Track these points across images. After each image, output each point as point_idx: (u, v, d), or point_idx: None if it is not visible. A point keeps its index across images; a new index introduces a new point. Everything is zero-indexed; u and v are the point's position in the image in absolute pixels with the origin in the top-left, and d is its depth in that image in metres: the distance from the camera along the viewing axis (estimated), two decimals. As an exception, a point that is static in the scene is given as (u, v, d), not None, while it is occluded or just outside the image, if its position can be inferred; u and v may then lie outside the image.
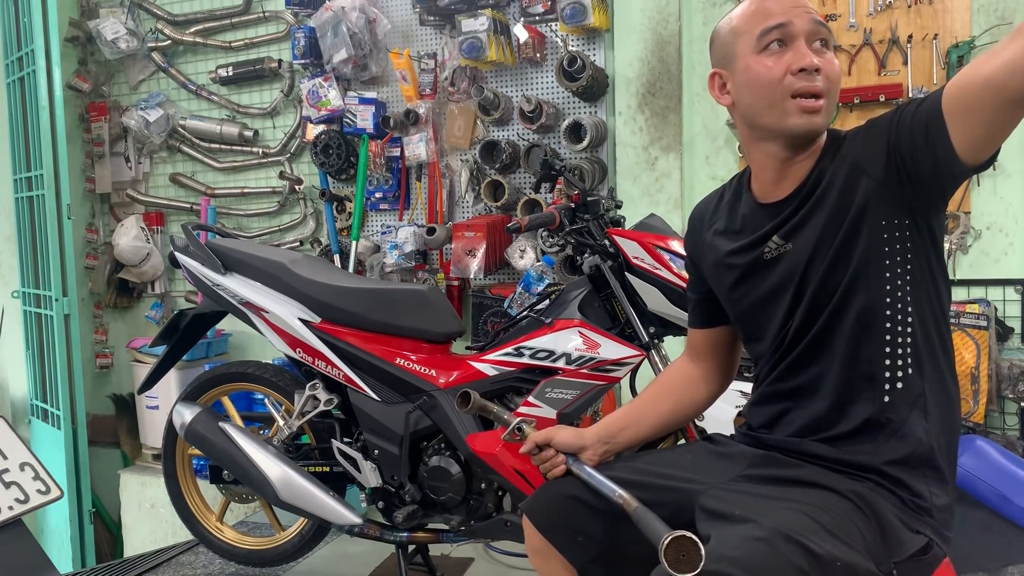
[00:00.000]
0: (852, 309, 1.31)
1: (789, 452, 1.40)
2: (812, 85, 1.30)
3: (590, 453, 1.52)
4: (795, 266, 1.36)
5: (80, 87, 4.25)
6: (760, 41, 1.33)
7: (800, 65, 1.30)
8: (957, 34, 2.94)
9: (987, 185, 2.95)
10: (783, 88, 1.31)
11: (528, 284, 3.16)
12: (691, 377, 1.63)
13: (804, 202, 1.35)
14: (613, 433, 1.56)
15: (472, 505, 2.29)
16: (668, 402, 1.62)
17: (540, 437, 1.53)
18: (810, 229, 1.34)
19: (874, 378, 1.32)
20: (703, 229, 1.54)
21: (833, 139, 1.37)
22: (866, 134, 1.33)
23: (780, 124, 1.33)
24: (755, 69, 1.34)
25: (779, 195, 1.39)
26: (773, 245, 1.38)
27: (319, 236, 3.93)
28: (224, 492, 2.66)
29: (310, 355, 2.37)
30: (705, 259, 1.53)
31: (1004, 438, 2.85)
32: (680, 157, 3.19)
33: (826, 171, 1.34)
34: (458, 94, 3.47)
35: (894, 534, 1.27)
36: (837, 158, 1.34)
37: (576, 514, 1.43)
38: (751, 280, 1.43)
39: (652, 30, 3.19)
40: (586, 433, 1.54)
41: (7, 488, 2.41)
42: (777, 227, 1.38)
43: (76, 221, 4.13)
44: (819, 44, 1.33)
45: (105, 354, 4.43)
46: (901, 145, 1.25)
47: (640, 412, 1.61)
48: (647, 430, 1.60)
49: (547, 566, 1.46)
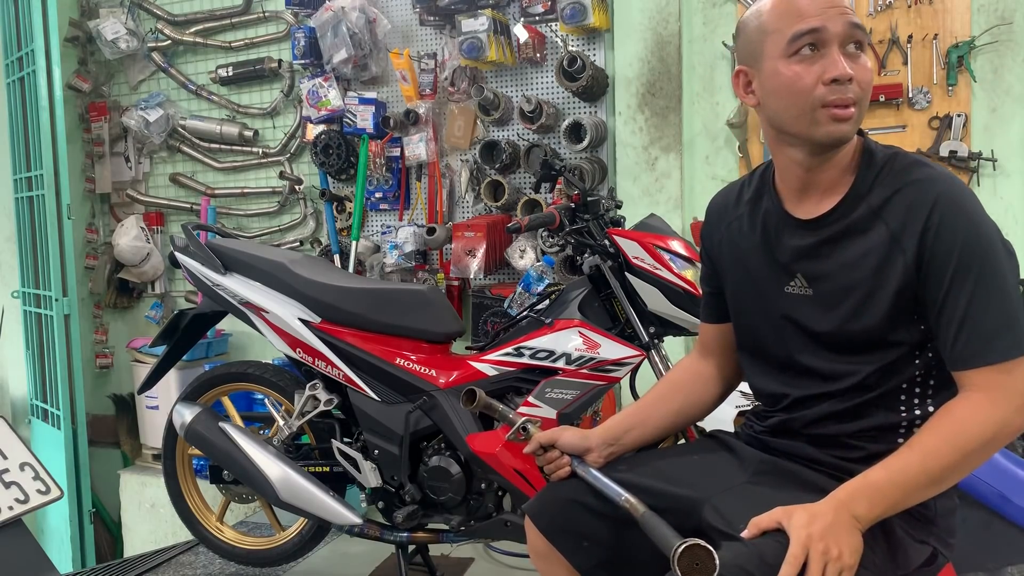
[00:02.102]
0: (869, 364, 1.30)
1: (795, 458, 1.39)
2: (844, 96, 1.24)
3: (595, 455, 1.49)
4: (812, 312, 1.34)
5: (80, 87, 4.24)
6: (791, 45, 1.25)
7: (833, 75, 1.23)
8: (957, 34, 2.94)
9: (987, 185, 2.96)
10: (814, 99, 1.24)
11: (528, 284, 3.16)
12: (700, 375, 1.60)
13: (835, 246, 1.31)
14: (619, 434, 1.53)
15: (472, 505, 2.29)
16: (675, 401, 1.58)
17: (545, 438, 1.50)
18: (835, 283, 1.31)
19: (889, 407, 1.31)
20: (721, 224, 1.50)
21: (867, 159, 1.31)
22: (907, 206, 1.25)
23: (808, 132, 1.28)
24: (785, 75, 1.26)
25: (807, 212, 1.35)
26: (796, 283, 1.36)
27: (319, 236, 3.93)
28: (224, 492, 2.66)
29: (310, 355, 2.37)
30: (722, 254, 1.50)
31: (1004, 438, 2.84)
32: (680, 157, 3.19)
33: (861, 217, 1.28)
34: (458, 94, 3.47)
35: (900, 546, 1.27)
36: (872, 207, 1.28)
37: (580, 519, 1.40)
38: (765, 300, 1.41)
39: (652, 30, 3.19)
40: (591, 434, 1.52)
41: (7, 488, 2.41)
42: (802, 260, 1.35)
43: (76, 221, 4.13)
44: (853, 47, 1.25)
45: (105, 354, 4.42)
46: (925, 271, 1.24)
47: (647, 412, 1.58)
48: (653, 431, 1.57)
49: (550, 569, 1.44)
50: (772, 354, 1.43)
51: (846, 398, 1.33)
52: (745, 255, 1.44)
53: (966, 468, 1.20)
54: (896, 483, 1.17)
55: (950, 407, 1.22)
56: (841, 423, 1.33)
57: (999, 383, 1.20)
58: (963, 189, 1.25)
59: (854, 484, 1.18)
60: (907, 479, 1.18)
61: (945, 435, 1.19)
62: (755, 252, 1.42)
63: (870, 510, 1.16)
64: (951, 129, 2.95)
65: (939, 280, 1.22)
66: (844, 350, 1.32)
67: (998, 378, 1.20)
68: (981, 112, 2.95)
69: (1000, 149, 2.93)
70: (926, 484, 1.19)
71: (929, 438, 1.20)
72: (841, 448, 1.34)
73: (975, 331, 1.20)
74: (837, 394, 1.33)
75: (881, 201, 1.27)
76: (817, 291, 1.34)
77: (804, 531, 1.12)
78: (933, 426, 1.22)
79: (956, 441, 1.18)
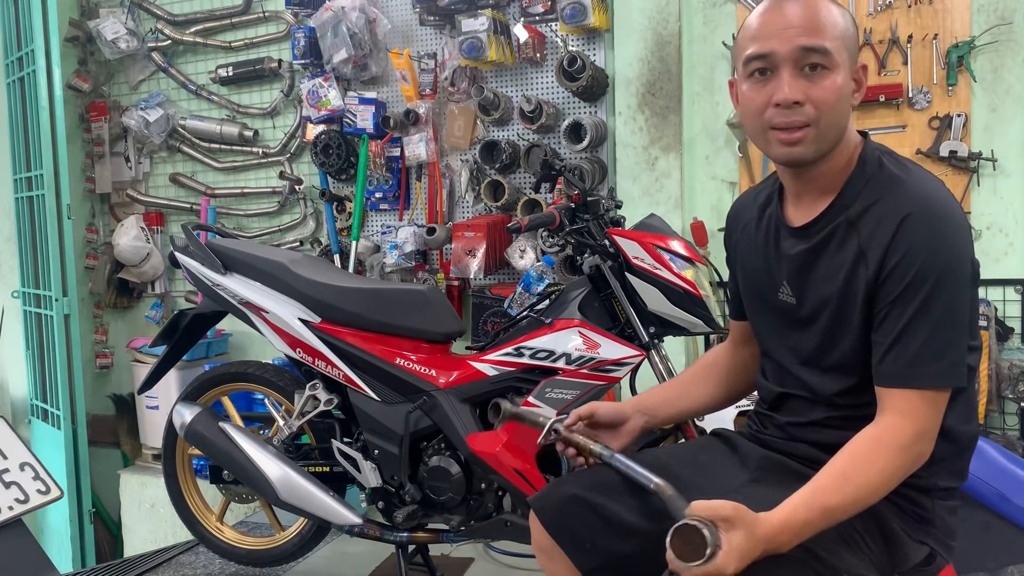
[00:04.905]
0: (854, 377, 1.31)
1: (796, 457, 1.40)
2: (789, 120, 1.25)
3: (631, 424, 1.51)
4: (799, 319, 1.37)
5: (80, 87, 4.24)
6: (746, 68, 1.29)
7: (775, 100, 1.25)
8: (957, 34, 2.93)
9: (987, 185, 2.95)
10: (764, 121, 1.28)
11: (528, 284, 3.16)
12: (738, 358, 1.61)
13: (816, 256, 1.33)
14: (655, 405, 1.55)
15: (472, 505, 2.28)
16: (711, 383, 1.60)
17: (584, 411, 1.50)
18: (813, 295, 1.33)
19: None
20: (738, 225, 1.54)
21: (861, 166, 1.31)
22: (877, 220, 1.25)
23: (766, 152, 1.33)
24: (744, 96, 1.31)
25: (800, 218, 1.37)
26: (785, 290, 1.38)
27: (319, 236, 3.93)
28: (224, 492, 2.66)
29: (310, 355, 2.37)
30: (737, 256, 1.53)
31: (1004, 438, 2.85)
32: (680, 157, 3.19)
33: (840, 227, 1.29)
34: (458, 94, 3.47)
35: (898, 545, 1.27)
36: (851, 217, 1.28)
37: (586, 520, 1.40)
38: (765, 303, 1.44)
39: (652, 30, 3.19)
40: (625, 405, 1.54)
41: (7, 488, 2.41)
42: (790, 268, 1.37)
43: (76, 221, 4.13)
44: (809, 69, 1.24)
45: (105, 354, 4.42)
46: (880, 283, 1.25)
47: (683, 389, 1.60)
48: (689, 407, 1.60)
49: (552, 565, 1.45)
50: (772, 356, 1.44)
51: (836, 408, 1.34)
52: (752, 257, 1.46)
53: (883, 491, 1.20)
54: (821, 511, 1.17)
55: (864, 431, 1.22)
56: (837, 429, 1.33)
57: (915, 408, 1.20)
58: (937, 209, 1.23)
59: (782, 518, 1.16)
60: (827, 507, 1.17)
61: (866, 460, 1.19)
62: (759, 255, 1.44)
63: (790, 541, 1.16)
64: (951, 129, 2.95)
65: (887, 296, 1.22)
66: (826, 366, 1.33)
67: (915, 404, 1.20)
68: (981, 112, 2.95)
69: (1000, 149, 2.93)
70: (849, 506, 1.19)
71: (848, 463, 1.20)
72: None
73: (905, 352, 1.20)
74: (828, 402, 1.35)
75: (859, 212, 1.28)
76: (799, 301, 1.36)
77: (731, 559, 1.10)
78: (848, 451, 1.22)
79: (874, 466, 1.19)
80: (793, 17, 1.24)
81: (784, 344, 1.40)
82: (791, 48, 1.24)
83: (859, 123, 3.05)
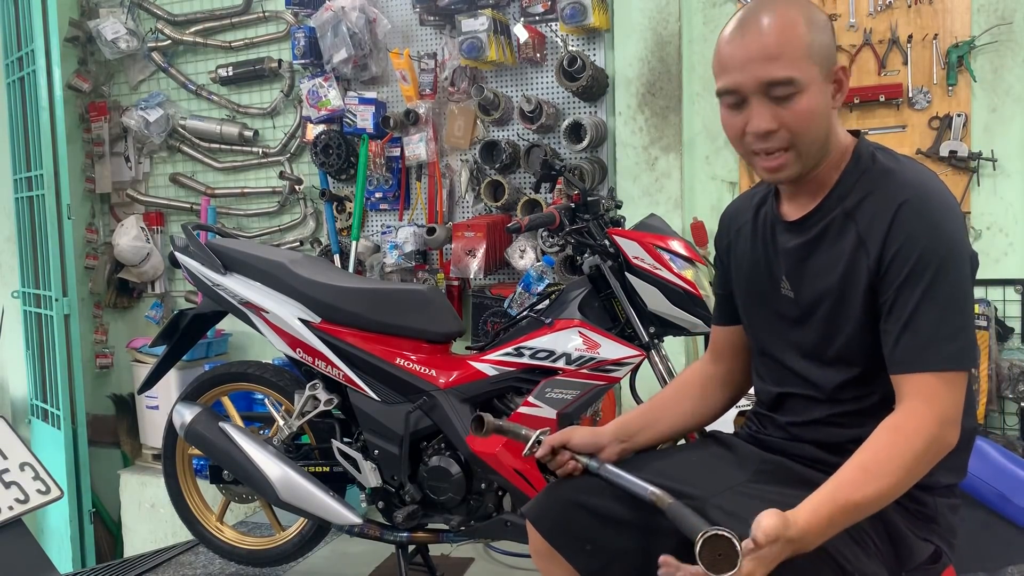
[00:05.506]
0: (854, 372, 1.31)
1: (796, 457, 1.40)
2: (766, 146, 1.27)
3: (608, 452, 1.49)
4: (799, 313, 1.37)
5: (80, 87, 4.24)
6: (720, 98, 1.31)
7: (749, 131, 1.27)
8: (957, 34, 2.94)
9: (987, 185, 2.96)
10: (744, 146, 1.31)
11: (528, 284, 3.16)
12: (711, 379, 1.61)
13: (813, 248, 1.34)
14: (631, 432, 1.53)
15: (472, 505, 2.29)
16: (686, 404, 1.59)
17: (556, 440, 1.48)
18: (811, 288, 1.34)
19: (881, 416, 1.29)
20: (732, 227, 1.53)
21: (855, 161, 1.32)
22: (874, 210, 1.26)
23: (755, 172, 1.35)
24: (723, 122, 1.33)
25: (795, 212, 1.38)
26: (784, 285, 1.39)
27: (319, 236, 3.93)
28: (224, 492, 2.66)
29: (310, 355, 2.37)
30: (731, 256, 1.53)
31: (1004, 438, 2.85)
32: (680, 157, 3.19)
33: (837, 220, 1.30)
34: (458, 94, 3.47)
35: (904, 543, 1.27)
36: (847, 209, 1.29)
37: (583, 523, 1.39)
38: (764, 301, 1.44)
39: (652, 30, 3.19)
40: (602, 432, 1.52)
41: (7, 488, 2.41)
42: (788, 262, 1.38)
43: (76, 221, 4.13)
44: (780, 92, 1.24)
45: (105, 354, 4.42)
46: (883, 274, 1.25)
47: (658, 413, 1.59)
48: (665, 431, 1.58)
49: (552, 569, 1.44)
50: (771, 356, 1.44)
51: (838, 404, 1.34)
52: (750, 256, 1.46)
53: (908, 480, 1.19)
54: (844, 507, 1.16)
55: (884, 422, 1.21)
56: (838, 428, 1.34)
57: (933, 392, 1.19)
58: (934, 196, 1.24)
59: (807, 517, 1.14)
60: (850, 502, 1.16)
61: (887, 450, 1.18)
62: (756, 252, 1.45)
63: (815, 541, 1.15)
64: (951, 129, 2.95)
65: (892, 283, 1.23)
66: (829, 359, 1.33)
67: (934, 386, 1.19)
68: (981, 112, 2.95)
69: (1000, 149, 2.93)
70: (873, 500, 1.18)
71: (869, 455, 1.19)
72: (841, 453, 1.33)
73: (916, 336, 1.20)
74: (829, 400, 1.34)
75: (855, 204, 1.29)
76: (798, 295, 1.36)
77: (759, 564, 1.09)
78: (868, 444, 1.21)
79: (896, 456, 1.18)
80: (752, 47, 1.24)
81: (784, 340, 1.40)
82: (754, 82, 1.25)
83: (859, 123, 3.05)
